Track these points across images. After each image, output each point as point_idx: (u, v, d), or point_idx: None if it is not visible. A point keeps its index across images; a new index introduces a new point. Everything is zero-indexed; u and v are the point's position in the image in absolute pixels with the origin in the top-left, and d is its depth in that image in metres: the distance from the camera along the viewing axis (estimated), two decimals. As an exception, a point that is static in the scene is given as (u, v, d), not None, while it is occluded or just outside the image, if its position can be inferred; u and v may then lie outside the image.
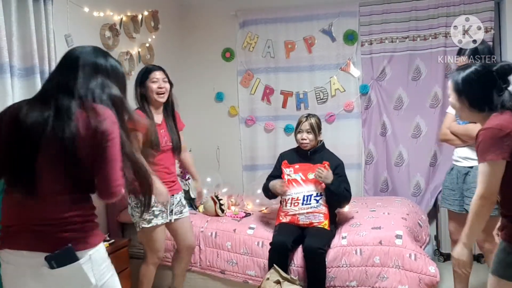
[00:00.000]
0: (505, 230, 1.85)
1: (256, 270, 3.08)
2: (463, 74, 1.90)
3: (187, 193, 3.73)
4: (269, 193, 3.19)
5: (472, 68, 1.89)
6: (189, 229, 2.95)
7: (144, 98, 2.74)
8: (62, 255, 1.47)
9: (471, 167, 2.75)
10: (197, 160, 4.22)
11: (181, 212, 2.86)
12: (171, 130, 2.80)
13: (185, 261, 3.01)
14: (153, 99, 2.72)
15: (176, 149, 2.82)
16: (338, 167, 3.13)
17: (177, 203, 2.84)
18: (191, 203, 3.71)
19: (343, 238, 2.98)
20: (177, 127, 2.85)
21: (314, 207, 3.04)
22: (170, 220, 2.79)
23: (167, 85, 2.75)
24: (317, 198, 3.06)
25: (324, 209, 3.05)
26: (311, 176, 3.07)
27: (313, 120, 3.19)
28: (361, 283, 2.85)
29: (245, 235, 3.19)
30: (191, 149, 4.16)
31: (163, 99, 2.73)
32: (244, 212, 3.62)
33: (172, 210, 2.79)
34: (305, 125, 3.17)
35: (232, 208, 3.70)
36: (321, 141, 3.26)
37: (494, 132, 1.75)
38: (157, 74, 2.72)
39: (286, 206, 3.09)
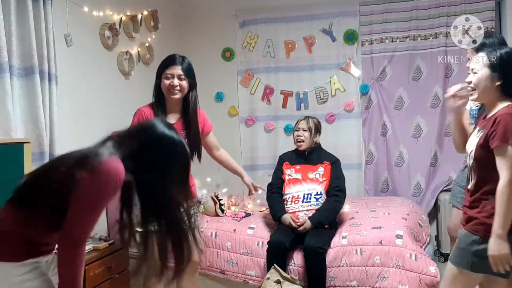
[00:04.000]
0: (474, 222, 1.86)
1: (256, 270, 3.07)
2: (504, 51, 1.91)
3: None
4: (276, 219, 3.14)
5: (508, 50, 1.91)
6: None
7: (161, 90, 2.54)
8: None
9: None
10: (197, 160, 4.21)
11: None
12: (187, 133, 2.55)
13: (190, 280, 2.65)
14: (165, 95, 2.53)
15: (192, 154, 2.57)
16: (334, 164, 3.19)
17: None
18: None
19: (343, 237, 2.98)
20: (197, 130, 2.60)
21: (314, 205, 3.05)
22: None
23: (184, 83, 2.50)
24: (317, 196, 3.07)
25: None
26: (311, 175, 3.10)
27: (311, 121, 3.24)
28: (361, 283, 2.84)
29: (245, 235, 3.18)
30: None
31: (175, 96, 2.50)
32: (244, 212, 3.61)
33: None
34: (303, 123, 3.24)
35: (232, 208, 3.70)
36: (317, 142, 3.30)
37: None
38: (174, 70, 2.49)
39: (286, 204, 3.10)
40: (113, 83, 3.55)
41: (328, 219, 3.03)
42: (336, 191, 3.09)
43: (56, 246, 1.56)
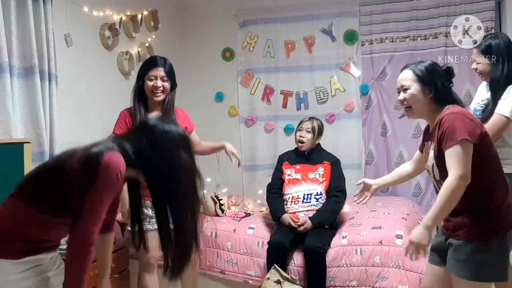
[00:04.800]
0: (465, 229, 1.78)
1: (256, 270, 3.07)
2: (426, 64, 1.93)
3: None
4: (275, 219, 3.15)
5: (429, 62, 1.95)
6: None
7: (143, 92, 2.62)
8: None
9: None
10: (197, 160, 4.20)
11: None
12: None
13: (191, 275, 2.81)
14: (148, 96, 2.62)
15: None
16: (335, 164, 3.19)
17: None
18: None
19: (343, 237, 2.98)
20: None
21: (314, 205, 3.05)
22: None
23: (166, 84, 2.60)
24: (317, 197, 3.08)
25: None
26: (311, 175, 3.10)
27: (315, 123, 3.25)
28: (361, 283, 2.84)
29: (245, 235, 3.18)
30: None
31: (158, 98, 2.59)
32: (244, 212, 3.61)
33: None
34: (307, 124, 3.23)
35: (232, 208, 3.70)
36: (317, 143, 3.30)
37: (463, 116, 1.78)
38: (157, 72, 2.57)
39: (286, 205, 3.10)
40: (113, 83, 3.55)
41: (329, 220, 3.04)
42: (336, 191, 3.10)
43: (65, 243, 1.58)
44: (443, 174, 1.83)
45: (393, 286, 2.76)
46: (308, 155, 3.24)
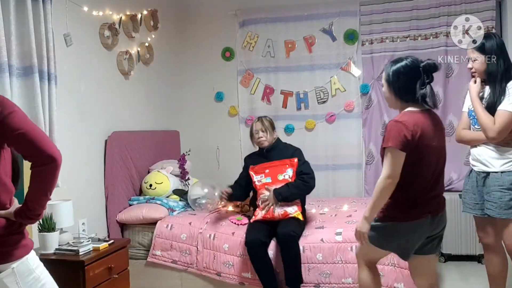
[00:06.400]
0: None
1: (252, 272, 3.05)
2: (394, 67, 2.11)
3: (185, 193, 3.71)
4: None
5: (403, 62, 2.10)
6: None
7: None
8: None
9: (490, 171, 2.56)
10: (197, 160, 4.21)
11: None
12: None
13: None
14: None
15: None
16: (295, 154, 3.26)
17: None
18: (189, 204, 3.69)
19: (337, 234, 2.98)
20: None
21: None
22: None
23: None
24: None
25: (296, 200, 3.10)
26: (280, 177, 3.14)
27: (264, 120, 3.35)
28: (357, 280, 2.84)
29: (242, 238, 3.15)
30: (190, 149, 4.14)
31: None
32: (248, 217, 3.58)
33: None
34: (258, 125, 3.33)
35: (230, 208, 3.67)
36: (276, 138, 3.39)
37: (401, 128, 2.00)
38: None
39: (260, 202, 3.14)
40: (113, 83, 3.54)
41: (290, 194, 3.07)
42: (301, 175, 3.15)
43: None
44: (382, 162, 2.14)
45: (389, 284, 2.76)
46: (268, 152, 3.30)
